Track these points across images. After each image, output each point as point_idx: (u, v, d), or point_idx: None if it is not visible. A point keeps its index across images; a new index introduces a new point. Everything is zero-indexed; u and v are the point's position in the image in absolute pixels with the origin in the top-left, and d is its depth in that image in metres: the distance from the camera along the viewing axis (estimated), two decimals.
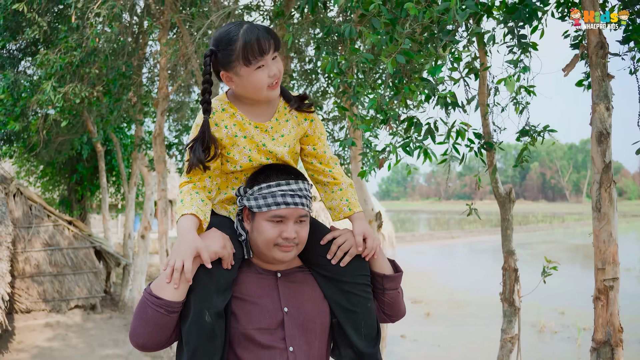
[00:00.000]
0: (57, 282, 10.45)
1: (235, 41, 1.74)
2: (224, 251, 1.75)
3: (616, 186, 3.26)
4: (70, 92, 7.03)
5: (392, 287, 1.98)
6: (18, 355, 7.97)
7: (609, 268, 3.16)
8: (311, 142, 1.99)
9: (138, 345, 1.75)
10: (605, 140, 3.22)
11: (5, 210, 9.62)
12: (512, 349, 4.15)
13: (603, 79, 3.22)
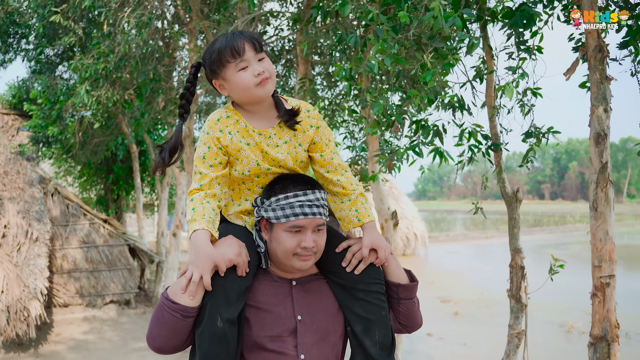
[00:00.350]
0: (93, 278, 10.83)
1: (216, 49, 1.83)
2: (238, 259, 1.77)
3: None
4: (103, 95, 7.38)
5: (407, 297, 1.98)
6: (56, 346, 8.38)
7: (605, 265, 3.26)
8: (318, 150, 1.99)
9: (154, 348, 1.79)
10: (602, 141, 3.32)
11: (43, 209, 10.09)
12: (519, 344, 4.27)
13: (601, 82, 3.32)
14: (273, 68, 1.89)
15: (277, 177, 1.92)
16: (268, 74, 1.84)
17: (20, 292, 8.01)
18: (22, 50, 11.96)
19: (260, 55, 1.84)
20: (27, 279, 8.33)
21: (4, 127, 11.94)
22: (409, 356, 8.54)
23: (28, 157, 11.61)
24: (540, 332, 10.27)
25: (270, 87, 1.86)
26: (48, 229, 9.78)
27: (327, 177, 1.98)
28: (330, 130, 2.02)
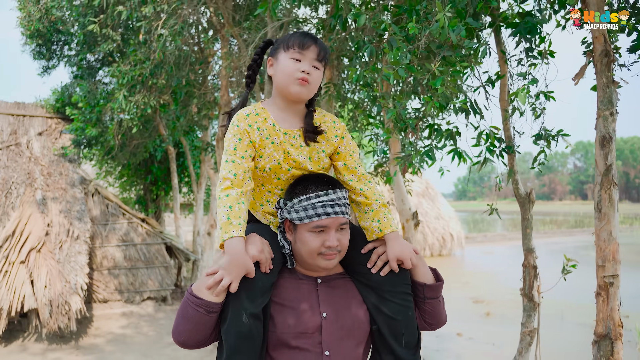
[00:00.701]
0: (131, 275, 11.15)
1: (290, 35, 1.93)
2: (261, 255, 1.81)
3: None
4: (140, 101, 7.71)
5: (432, 296, 2.00)
6: (95, 339, 8.75)
7: (608, 265, 3.35)
8: (342, 159, 2.02)
9: (179, 342, 1.83)
10: (607, 144, 3.40)
11: (84, 209, 10.49)
12: (531, 342, 4.36)
13: (608, 86, 3.40)
14: (320, 80, 1.95)
15: (298, 179, 1.96)
16: (311, 79, 1.90)
17: (62, 287, 8.40)
18: (64, 57, 12.38)
19: (316, 63, 1.92)
20: (69, 275, 8.72)
21: (48, 131, 12.36)
22: (438, 355, 8.61)
23: (70, 159, 11.99)
24: (570, 333, 10.21)
25: (305, 91, 1.91)
26: (88, 227, 10.15)
27: (351, 185, 2.01)
28: (355, 143, 2.06)
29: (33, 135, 12.01)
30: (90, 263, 10.49)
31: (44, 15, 10.63)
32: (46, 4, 10.26)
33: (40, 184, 10.81)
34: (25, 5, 10.87)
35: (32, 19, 10.80)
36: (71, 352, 8.10)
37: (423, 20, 3.44)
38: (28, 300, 8.12)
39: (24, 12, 10.99)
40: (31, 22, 10.86)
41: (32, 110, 12.70)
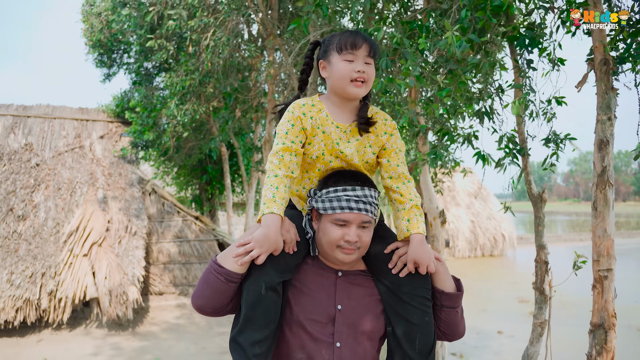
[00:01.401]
0: (185, 269, 11.77)
1: (337, 35, 1.95)
2: (287, 235, 1.87)
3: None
4: (190, 108, 8.27)
5: (450, 305, 1.97)
6: (151, 327, 9.40)
7: (603, 260, 3.61)
8: (387, 155, 2.03)
9: (197, 306, 1.89)
10: (605, 147, 3.64)
11: (141, 207, 11.17)
12: (542, 333, 4.62)
13: (606, 92, 3.64)
14: (374, 75, 1.97)
15: (333, 172, 2.00)
16: (366, 77, 1.93)
17: (121, 278, 9.09)
18: (124, 64, 13.03)
19: (369, 60, 1.93)
20: (127, 267, 9.40)
21: (109, 134, 13.03)
22: (476, 351, 8.79)
23: (129, 160, 12.61)
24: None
25: (361, 91, 1.94)
26: (145, 224, 10.81)
27: (389, 183, 2.03)
28: (402, 142, 2.07)
29: (95, 138, 12.71)
30: (147, 258, 11.16)
31: (105, 26, 11.34)
32: (107, 17, 10.98)
33: (101, 183, 11.50)
34: (88, 18, 11.66)
35: (94, 30, 11.56)
36: (128, 338, 8.76)
37: (433, 36, 3.78)
38: (90, 290, 8.85)
39: (87, 24, 11.76)
40: (93, 33, 11.61)
41: (94, 115, 13.37)
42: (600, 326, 3.61)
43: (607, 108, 3.61)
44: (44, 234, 9.76)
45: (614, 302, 3.65)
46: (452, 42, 3.36)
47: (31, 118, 12.41)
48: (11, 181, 10.58)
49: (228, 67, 8.13)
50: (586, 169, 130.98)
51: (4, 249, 9.17)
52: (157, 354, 7.84)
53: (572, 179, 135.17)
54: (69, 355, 7.77)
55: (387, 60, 4.07)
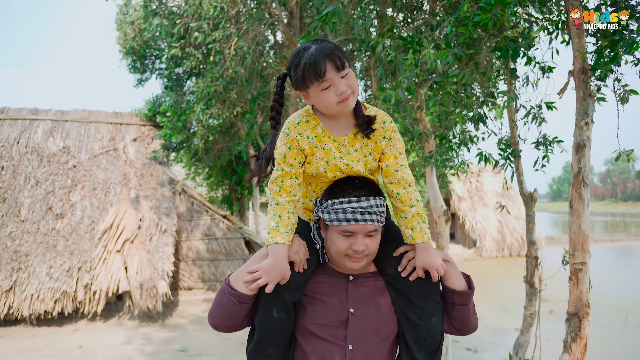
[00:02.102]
0: (213, 266, 12.25)
1: (298, 65, 1.82)
2: (296, 256, 1.89)
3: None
4: (215, 113, 8.76)
5: (462, 303, 2.00)
6: (179, 320, 9.93)
7: (578, 254, 3.93)
8: (386, 160, 1.98)
9: (213, 325, 1.95)
10: (581, 150, 3.93)
11: (171, 206, 11.72)
12: (532, 323, 4.95)
13: (584, 99, 3.93)
14: (356, 83, 1.87)
15: (338, 181, 1.98)
16: (350, 90, 1.84)
17: (151, 273, 9.64)
18: (156, 70, 13.51)
19: (342, 73, 1.82)
20: (157, 263, 9.96)
21: (141, 137, 13.58)
22: (491, 347, 9.02)
23: (160, 161, 13.13)
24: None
25: (351, 104, 1.87)
26: (175, 222, 11.35)
27: (389, 188, 2.00)
28: (402, 143, 2.02)
29: (128, 141, 13.26)
30: (177, 254, 11.69)
31: (137, 34, 11.84)
32: (139, 25, 11.53)
33: (134, 184, 12.06)
34: (122, 26, 12.21)
35: (127, 38, 12.08)
36: (158, 329, 9.30)
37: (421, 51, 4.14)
38: (122, 284, 9.43)
39: (120, 32, 12.30)
40: (127, 40, 12.13)
41: (127, 118, 13.90)
42: (575, 315, 3.94)
43: (585, 114, 3.88)
44: (80, 231, 10.37)
45: (588, 293, 3.97)
46: (431, 57, 3.73)
47: (69, 122, 13.05)
48: (50, 182, 11.23)
49: (251, 74, 8.57)
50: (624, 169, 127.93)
51: (43, 245, 9.82)
52: (184, 344, 8.35)
53: (609, 179, 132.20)
54: (103, 344, 8.32)
55: (381, 71, 4.44)
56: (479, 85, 5.00)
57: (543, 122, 4.77)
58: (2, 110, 12.79)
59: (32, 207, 10.57)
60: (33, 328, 9.17)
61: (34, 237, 9.99)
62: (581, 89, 3.90)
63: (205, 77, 8.94)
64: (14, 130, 12.29)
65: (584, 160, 3.94)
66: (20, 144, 11.99)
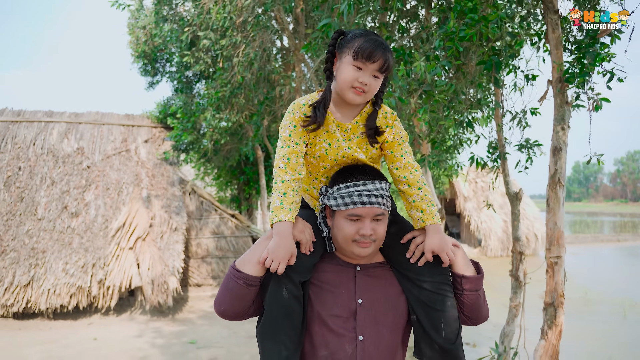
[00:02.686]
0: (221, 263, 12.66)
1: (360, 38, 1.86)
2: (301, 235, 1.89)
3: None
4: (224, 118, 9.16)
5: (471, 289, 1.97)
6: (188, 315, 10.34)
7: (553, 248, 4.27)
8: (390, 147, 2.00)
9: (219, 311, 1.92)
10: (558, 153, 4.27)
11: (181, 205, 12.12)
12: (517, 314, 5.31)
13: (561, 106, 4.27)
14: (377, 87, 1.92)
15: (342, 168, 1.99)
16: (368, 88, 1.87)
17: (162, 269, 10.05)
18: (166, 73, 13.87)
19: (378, 74, 1.87)
20: (167, 259, 10.36)
21: (153, 138, 13.97)
22: (489, 342, 9.25)
23: (171, 162, 13.51)
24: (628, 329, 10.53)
25: (359, 99, 1.89)
26: (185, 221, 11.73)
27: (396, 173, 2.01)
28: (405, 132, 2.04)
29: (140, 142, 13.64)
30: (187, 252, 12.09)
31: (149, 39, 12.09)
32: (150, 30, 11.89)
33: (145, 184, 12.44)
34: (134, 31, 12.51)
35: (139, 42, 12.34)
36: (168, 323, 9.71)
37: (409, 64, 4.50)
38: (135, 280, 9.84)
39: (132, 36, 12.61)
40: (139, 45, 12.39)
41: (139, 120, 14.25)
42: (551, 304, 4.27)
43: (562, 120, 4.22)
44: (94, 229, 10.79)
45: (563, 284, 4.31)
46: (421, 69, 4.09)
47: (82, 124, 13.47)
48: (65, 182, 11.67)
49: (258, 79, 8.95)
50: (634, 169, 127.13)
51: (59, 242, 10.26)
52: (193, 337, 8.75)
53: (619, 179, 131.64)
54: (116, 337, 8.74)
55: None
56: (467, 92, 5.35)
57: (527, 127, 5.14)
58: (19, 112, 13.25)
59: (48, 206, 11.01)
60: (49, 321, 9.60)
61: (51, 234, 10.43)
62: (558, 97, 4.21)
63: (214, 81, 9.32)
64: (30, 132, 12.74)
65: (560, 162, 4.26)
66: (36, 145, 12.44)
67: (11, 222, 10.53)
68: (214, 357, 7.66)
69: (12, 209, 10.79)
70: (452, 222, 27.66)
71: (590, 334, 9.93)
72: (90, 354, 7.75)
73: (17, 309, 9.32)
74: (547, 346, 4.24)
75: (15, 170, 11.65)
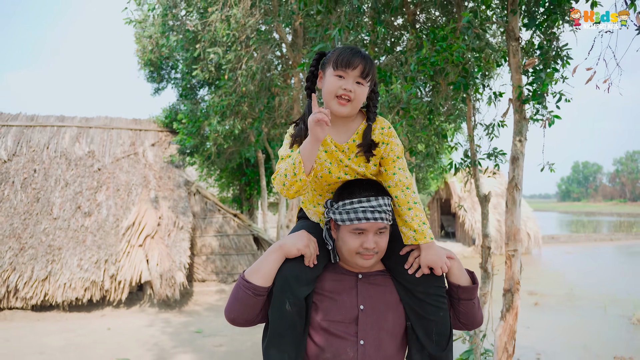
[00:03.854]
0: (224, 260, 13.32)
1: (339, 49, 1.91)
2: (306, 249, 1.93)
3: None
4: (229, 124, 9.86)
5: (466, 297, 2.05)
6: (194, 307, 11.08)
7: (511, 243, 4.95)
8: (384, 164, 2.03)
9: (230, 319, 1.97)
10: (516, 161, 4.93)
11: (187, 205, 12.83)
12: (485, 301, 6.03)
13: (520, 121, 4.96)
14: (363, 97, 1.93)
15: (346, 183, 2.02)
16: (353, 96, 1.89)
17: (170, 265, 10.77)
18: (172, 79, 14.43)
19: (361, 80, 1.90)
20: (174, 256, 11.09)
21: (159, 142, 14.64)
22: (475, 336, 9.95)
23: (176, 165, 14.15)
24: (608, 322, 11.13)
25: (344, 109, 1.91)
26: (190, 220, 12.44)
27: (389, 191, 2.04)
28: (400, 147, 2.05)
29: (147, 146, 14.34)
30: (192, 249, 12.75)
31: (155, 47, 12.64)
32: (156, 39, 12.40)
33: (153, 185, 13.13)
34: (140, 40, 13.09)
35: (145, 50, 12.91)
36: (176, 315, 10.45)
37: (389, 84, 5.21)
38: (144, 274, 10.58)
39: (139, 45, 13.20)
40: (145, 53, 12.98)
41: (146, 125, 15.11)
42: (509, 291, 4.96)
43: (520, 133, 4.88)
44: (106, 228, 11.53)
45: (520, 273, 5.01)
46: (398, 90, 4.82)
47: (92, 129, 14.20)
48: (78, 183, 12.41)
49: (260, 89, 9.63)
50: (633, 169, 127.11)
51: (74, 240, 11.00)
52: (199, 326, 9.48)
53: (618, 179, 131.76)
54: (128, 327, 9.47)
55: None
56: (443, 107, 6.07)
57: (494, 138, 5.85)
58: (32, 117, 14.00)
59: (62, 206, 11.75)
60: (65, 313, 10.34)
61: (66, 232, 11.17)
62: (517, 114, 4.91)
63: (219, 89, 9.98)
64: (43, 136, 13.48)
65: (517, 169, 4.94)
66: (49, 149, 13.18)
67: (28, 221, 11.26)
68: (219, 344, 8.38)
69: (29, 209, 11.52)
70: (448, 222, 28.32)
71: (570, 327, 10.38)
72: (106, 342, 8.48)
73: (35, 302, 10.06)
74: (506, 326, 4.89)
75: (30, 173, 12.39)
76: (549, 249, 25.67)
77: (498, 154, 5.69)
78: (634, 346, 9.03)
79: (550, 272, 18.40)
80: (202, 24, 9.45)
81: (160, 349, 7.99)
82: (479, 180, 6.08)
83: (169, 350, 7.96)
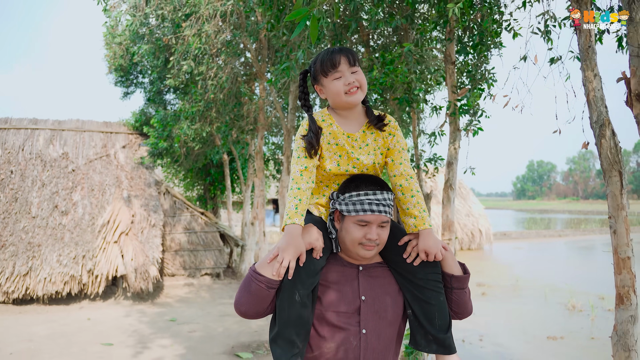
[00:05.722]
0: (192, 256, 13.96)
1: (317, 60, 2.06)
2: (316, 243, 2.00)
3: None
4: (199, 129, 10.63)
5: (459, 287, 2.12)
6: (166, 299, 11.81)
7: (446, 234, 5.97)
8: (391, 155, 2.13)
9: (241, 312, 2.02)
10: (451, 165, 5.85)
11: (158, 204, 13.49)
12: None
13: (454, 131, 5.90)
14: (364, 80, 2.05)
15: (352, 177, 2.10)
16: (358, 84, 2.02)
17: (144, 260, 11.48)
18: (140, 84, 14.85)
19: (353, 69, 2.03)
20: (148, 251, 11.79)
21: (130, 144, 15.17)
22: None
23: (147, 166, 14.67)
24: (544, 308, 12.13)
25: (358, 96, 2.04)
26: (161, 218, 13.09)
27: (393, 180, 2.13)
28: (404, 141, 2.16)
29: (119, 148, 14.86)
30: (162, 245, 13.32)
31: (125, 53, 12.83)
32: (126, 46, 12.61)
33: (125, 185, 13.69)
34: (110, 46, 13.26)
35: (115, 56, 13.06)
36: (149, 307, 11.18)
37: None
38: (120, 269, 11.23)
39: (110, 50, 13.31)
40: (115, 59, 13.12)
41: (117, 127, 15.59)
42: None
43: (454, 141, 5.87)
44: (82, 225, 12.14)
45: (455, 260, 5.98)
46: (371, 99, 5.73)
47: (65, 131, 14.70)
48: (54, 184, 12.97)
49: (227, 97, 10.43)
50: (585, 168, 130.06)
51: (52, 237, 11.62)
52: (173, 316, 10.24)
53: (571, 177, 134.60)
54: (107, 317, 10.16)
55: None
56: None
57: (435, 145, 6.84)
58: (6, 120, 14.43)
59: (40, 206, 12.33)
60: (46, 306, 10.94)
61: (44, 230, 11.76)
62: (452, 125, 5.92)
63: (186, 95, 10.65)
64: (18, 138, 13.97)
65: (452, 172, 5.91)
66: (24, 150, 13.69)
67: (8, 220, 11.82)
68: (193, 330, 9.19)
69: (7, 209, 12.08)
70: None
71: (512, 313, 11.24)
72: (89, 330, 9.18)
73: (17, 295, 10.64)
74: None
75: (7, 174, 12.91)
76: (500, 245, 26.63)
77: (437, 159, 6.68)
78: (566, 327, 9.86)
79: (498, 265, 19.32)
80: (175, 38, 10.18)
81: (140, 335, 8.76)
82: (422, 181, 7.06)
83: (148, 336, 8.73)
